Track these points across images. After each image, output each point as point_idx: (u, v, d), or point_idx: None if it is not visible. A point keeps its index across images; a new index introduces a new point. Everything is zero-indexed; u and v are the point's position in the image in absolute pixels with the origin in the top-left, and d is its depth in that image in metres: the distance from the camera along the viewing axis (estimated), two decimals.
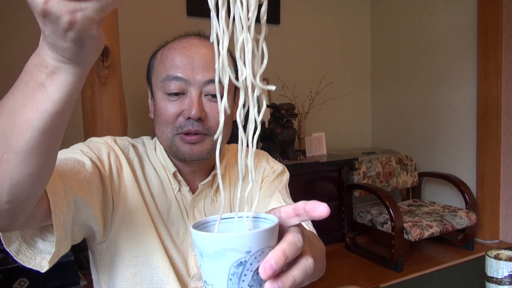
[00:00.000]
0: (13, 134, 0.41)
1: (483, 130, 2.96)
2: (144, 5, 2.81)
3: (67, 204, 0.58)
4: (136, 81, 2.27)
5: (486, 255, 0.95)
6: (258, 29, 0.37)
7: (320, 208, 0.40)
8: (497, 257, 0.95)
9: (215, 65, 0.39)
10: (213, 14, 0.38)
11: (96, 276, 0.81)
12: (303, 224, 0.76)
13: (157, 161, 0.83)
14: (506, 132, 2.88)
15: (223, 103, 0.39)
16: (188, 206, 0.82)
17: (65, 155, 0.69)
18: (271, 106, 2.76)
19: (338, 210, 3.07)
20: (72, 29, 0.35)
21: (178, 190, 0.82)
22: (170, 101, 0.75)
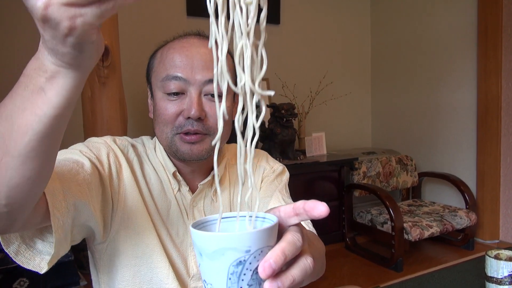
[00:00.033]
0: (12, 138, 0.41)
1: (483, 130, 2.96)
2: (144, 5, 2.80)
3: (66, 206, 0.57)
4: (136, 81, 2.27)
5: (486, 255, 0.95)
6: (258, 33, 0.37)
7: (320, 208, 0.40)
8: (497, 257, 0.95)
9: (213, 71, 0.39)
10: (212, 20, 0.38)
11: (96, 276, 0.81)
12: (303, 224, 0.76)
13: (157, 161, 0.83)
14: (506, 132, 2.88)
15: (222, 109, 0.39)
16: (188, 206, 0.82)
17: (64, 156, 0.68)
18: (271, 106, 2.76)
19: (338, 210, 3.07)
20: (72, 35, 0.35)
21: (178, 190, 0.82)
22: (170, 101, 0.75)
